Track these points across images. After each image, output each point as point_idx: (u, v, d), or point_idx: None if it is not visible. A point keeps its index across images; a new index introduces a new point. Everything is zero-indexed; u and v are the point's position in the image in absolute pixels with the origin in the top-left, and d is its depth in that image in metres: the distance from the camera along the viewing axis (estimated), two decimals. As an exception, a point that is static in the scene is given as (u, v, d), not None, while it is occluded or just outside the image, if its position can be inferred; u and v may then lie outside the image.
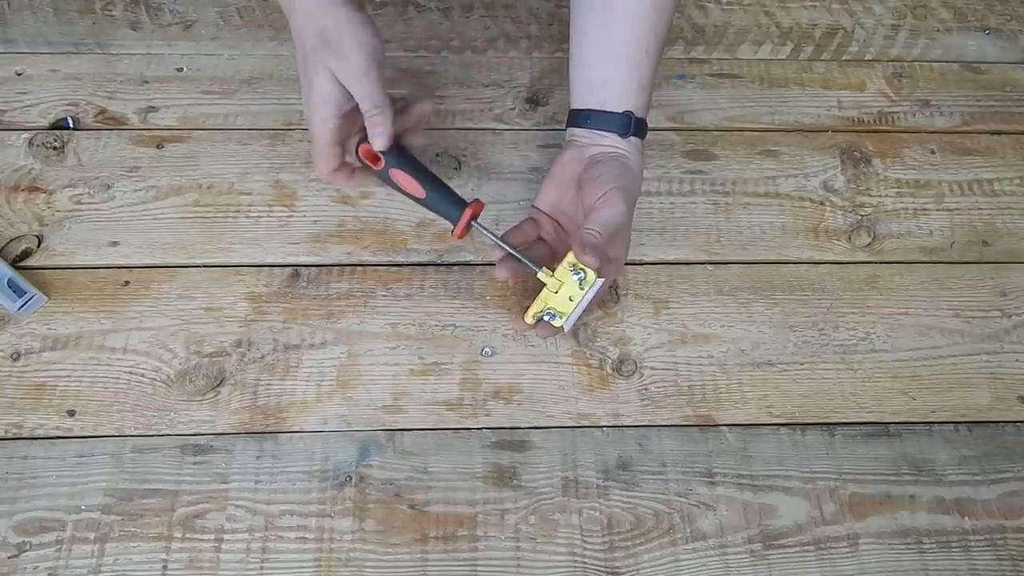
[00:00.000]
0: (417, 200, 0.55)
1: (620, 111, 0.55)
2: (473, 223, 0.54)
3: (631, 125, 0.55)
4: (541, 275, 0.54)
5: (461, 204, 0.54)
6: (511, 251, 0.54)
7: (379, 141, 0.52)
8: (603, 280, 0.55)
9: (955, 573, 0.54)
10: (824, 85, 0.72)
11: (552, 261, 0.56)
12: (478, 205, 0.55)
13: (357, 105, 0.51)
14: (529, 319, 0.55)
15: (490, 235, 0.55)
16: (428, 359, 0.59)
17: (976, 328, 0.62)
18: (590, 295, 0.54)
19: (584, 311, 0.56)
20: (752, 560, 0.53)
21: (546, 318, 0.55)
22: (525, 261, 0.54)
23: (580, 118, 0.57)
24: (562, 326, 0.55)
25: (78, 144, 0.65)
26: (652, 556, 0.53)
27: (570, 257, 0.53)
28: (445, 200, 0.54)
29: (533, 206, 0.59)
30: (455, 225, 0.54)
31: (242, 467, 0.55)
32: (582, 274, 0.53)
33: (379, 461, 0.55)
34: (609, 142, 0.56)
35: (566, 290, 0.54)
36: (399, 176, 0.54)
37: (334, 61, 0.49)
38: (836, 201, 0.67)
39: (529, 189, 0.65)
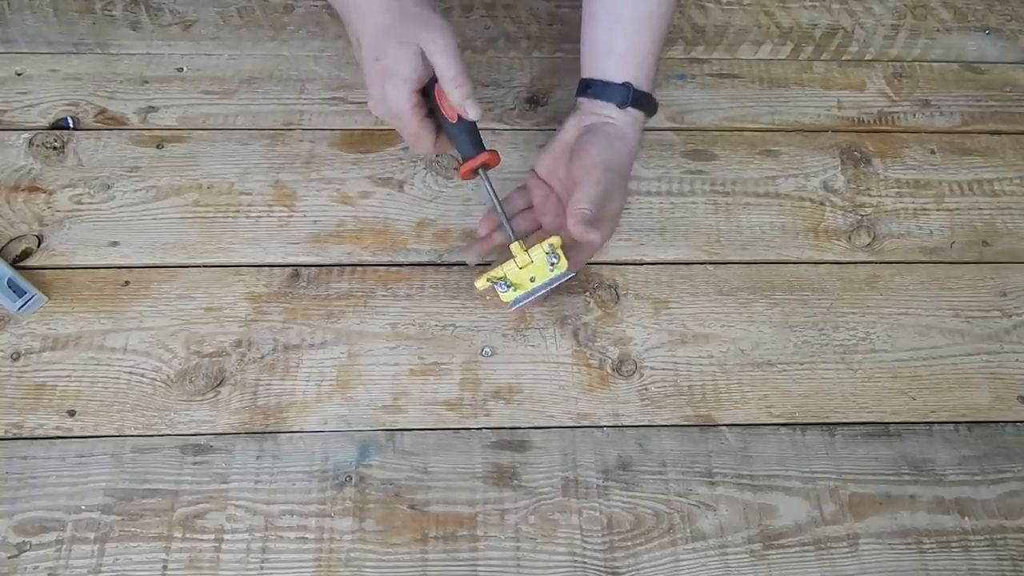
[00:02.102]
0: (444, 127, 0.55)
1: (619, 82, 0.57)
2: (481, 171, 0.55)
3: (629, 96, 0.57)
4: (513, 246, 0.55)
5: (481, 147, 0.55)
6: (502, 214, 0.55)
7: (474, 111, 0.52)
8: (571, 274, 0.56)
9: (955, 573, 0.54)
10: (824, 85, 0.72)
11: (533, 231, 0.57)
12: (495, 157, 0.55)
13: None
14: (482, 282, 0.55)
15: (491, 192, 0.55)
16: (428, 359, 0.59)
17: (976, 328, 0.62)
18: (553, 284, 0.55)
19: (535, 298, 0.56)
20: (752, 560, 0.53)
21: (498, 287, 0.55)
22: (507, 226, 0.55)
23: (583, 86, 0.59)
24: (509, 302, 0.55)
25: (78, 144, 0.65)
26: (652, 556, 0.53)
27: (553, 240, 0.54)
28: (469, 136, 0.54)
29: (532, 170, 0.62)
30: (465, 162, 0.54)
31: (242, 467, 0.55)
32: (556, 260, 0.54)
33: (379, 461, 0.55)
34: (606, 112, 0.58)
35: (532, 269, 0.55)
36: (441, 94, 0.53)
37: (424, 32, 0.50)
38: (836, 201, 0.67)
39: (529, 189, 0.65)
